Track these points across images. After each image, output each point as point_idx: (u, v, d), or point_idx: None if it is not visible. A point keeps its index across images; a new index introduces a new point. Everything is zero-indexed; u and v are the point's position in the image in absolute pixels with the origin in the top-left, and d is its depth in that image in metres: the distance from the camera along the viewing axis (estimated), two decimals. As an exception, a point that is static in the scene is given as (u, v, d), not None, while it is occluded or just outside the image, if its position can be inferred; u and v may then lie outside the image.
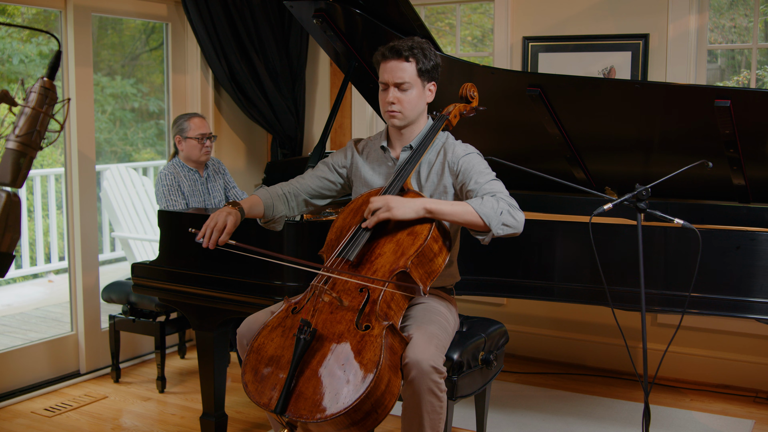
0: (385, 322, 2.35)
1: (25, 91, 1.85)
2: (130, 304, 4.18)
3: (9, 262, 1.83)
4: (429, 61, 2.68)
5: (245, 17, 4.70)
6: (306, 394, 2.24)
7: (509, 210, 2.48)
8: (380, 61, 2.70)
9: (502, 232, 2.48)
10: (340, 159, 2.90)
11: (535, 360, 4.59)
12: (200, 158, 4.03)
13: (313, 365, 2.29)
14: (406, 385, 2.38)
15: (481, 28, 5.18)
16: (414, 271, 2.46)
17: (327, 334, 2.35)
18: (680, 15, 4.10)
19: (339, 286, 2.47)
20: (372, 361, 2.24)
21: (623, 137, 3.39)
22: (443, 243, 2.55)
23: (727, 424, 3.69)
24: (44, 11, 5.24)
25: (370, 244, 2.53)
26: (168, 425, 3.71)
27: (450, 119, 2.80)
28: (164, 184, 3.95)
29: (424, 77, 2.69)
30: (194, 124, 4.00)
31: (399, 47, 2.65)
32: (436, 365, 2.38)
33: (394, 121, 2.71)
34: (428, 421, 2.39)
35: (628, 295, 3.03)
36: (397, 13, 3.31)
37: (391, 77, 2.66)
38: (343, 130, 5.09)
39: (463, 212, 2.48)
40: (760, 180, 3.29)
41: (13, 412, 3.84)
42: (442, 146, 2.76)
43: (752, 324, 4.02)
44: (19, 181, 1.81)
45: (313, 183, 2.87)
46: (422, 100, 2.72)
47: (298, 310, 2.47)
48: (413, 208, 2.49)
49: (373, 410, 2.25)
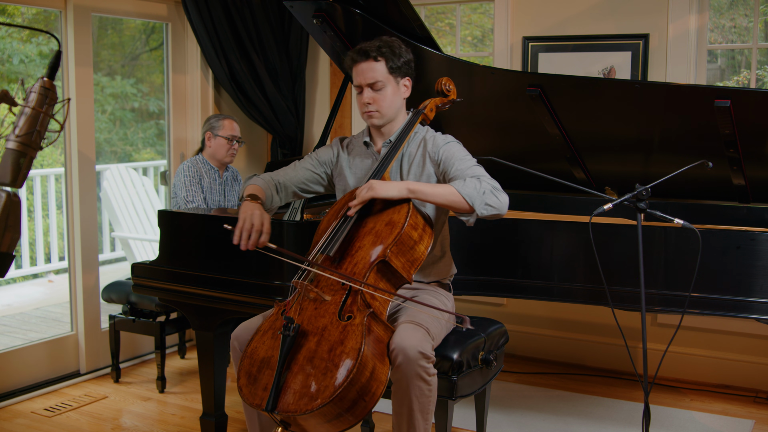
0: (366, 310, 2.38)
1: (25, 91, 1.85)
2: (130, 304, 4.18)
3: (9, 262, 1.83)
4: (399, 58, 2.71)
5: (245, 17, 4.70)
6: (294, 389, 2.28)
7: (492, 191, 2.49)
8: (351, 65, 2.74)
9: (486, 212, 2.49)
10: (327, 154, 2.93)
11: (535, 360, 4.59)
12: (225, 158, 4.17)
13: (300, 361, 2.33)
14: (394, 371, 2.41)
15: (481, 28, 5.18)
16: (395, 259, 2.49)
17: (311, 329, 2.38)
18: (680, 15, 4.10)
19: (323, 283, 2.51)
20: (354, 349, 2.28)
21: (623, 137, 3.39)
22: (423, 230, 2.58)
23: (727, 424, 3.69)
24: (44, 11, 5.24)
25: (351, 239, 2.56)
26: (168, 425, 3.71)
27: (426, 113, 2.84)
28: (186, 175, 4.05)
29: (396, 74, 2.72)
30: (227, 125, 4.16)
31: (366, 49, 2.69)
32: (424, 350, 2.40)
33: (373, 120, 2.76)
34: (417, 404, 2.43)
35: (628, 295, 3.03)
36: (397, 13, 3.31)
37: (363, 79, 2.70)
38: (343, 130, 5.09)
39: (446, 193, 2.49)
40: (760, 180, 3.29)
41: (13, 412, 3.84)
42: (423, 138, 2.80)
43: (752, 324, 4.02)
44: (19, 181, 1.81)
45: (302, 175, 2.91)
46: (398, 97, 2.76)
47: (286, 311, 2.50)
48: (396, 187, 2.52)
49: (360, 398, 2.28)
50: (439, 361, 2.65)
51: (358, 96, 2.76)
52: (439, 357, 2.65)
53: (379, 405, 3.45)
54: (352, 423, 2.32)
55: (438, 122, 3.62)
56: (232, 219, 3.23)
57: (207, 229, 3.28)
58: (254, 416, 2.62)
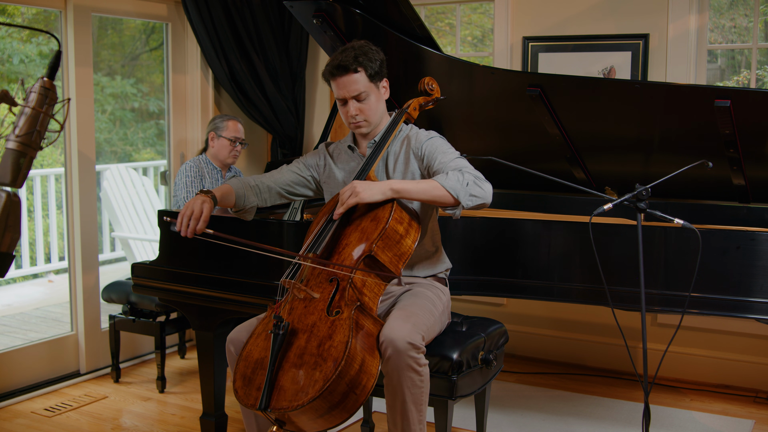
0: (354, 304, 2.40)
1: (25, 91, 1.85)
2: (130, 304, 4.18)
3: (9, 262, 1.83)
4: (375, 63, 2.71)
5: (245, 17, 4.70)
6: (285, 386, 2.30)
7: (475, 181, 2.52)
8: (330, 78, 2.73)
9: (471, 203, 2.52)
10: (314, 159, 2.96)
11: (535, 360, 4.59)
12: (227, 160, 4.18)
13: (291, 358, 2.35)
14: (384, 364, 2.42)
15: (481, 28, 5.18)
16: (381, 254, 2.52)
17: (302, 327, 2.41)
18: (680, 15, 4.10)
19: (312, 282, 2.53)
20: (341, 342, 2.30)
21: (623, 137, 3.38)
22: (409, 225, 2.60)
23: (727, 424, 3.69)
24: (44, 11, 5.24)
25: (338, 237, 2.59)
26: (168, 425, 3.71)
27: (409, 112, 2.86)
28: (188, 174, 4.06)
29: (375, 80, 2.72)
30: (231, 126, 4.16)
31: (344, 63, 2.67)
32: (413, 341, 2.41)
33: (362, 130, 2.78)
34: (410, 396, 2.44)
35: (628, 295, 3.03)
36: (397, 13, 3.31)
37: (346, 92, 2.70)
38: (343, 130, 5.08)
39: (429, 188, 2.51)
40: (760, 180, 3.29)
41: (13, 412, 3.84)
42: (406, 136, 2.82)
43: (752, 324, 4.02)
44: (19, 181, 1.81)
45: (288, 177, 2.92)
46: (381, 102, 2.78)
47: (276, 311, 2.51)
48: (380, 190, 2.53)
49: (351, 391, 2.29)
50: (439, 361, 2.66)
51: (341, 108, 2.76)
52: (439, 357, 2.66)
53: (379, 405, 3.45)
54: (345, 417, 2.33)
55: (438, 122, 3.62)
56: (232, 219, 3.24)
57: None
58: (252, 419, 2.62)
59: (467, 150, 2.92)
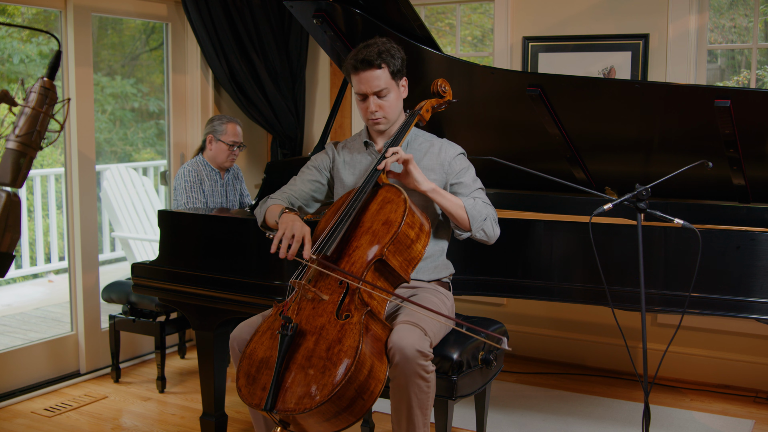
0: (364, 308, 2.39)
1: (25, 91, 1.85)
2: (130, 304, 4.18)
3: (9, 262, 1.83)
4: (397, 61, 2.73)
5: (245, 17, 4.70)
6: (292, 389, 2.28)
7: (492, 221, 2.72)
8: (351, 72, 2.73)
9: (477, 236, 2.72)
10: (324, 160, 2.94)
11: (535, 360, 4.59)
12: (224, 163, 4.15)
13: (298, 360, 2.33)
14: (392, 370, 2.42)
15: (481, 28, 5.18)
16: (392, 258, 2.51)
17: (309, 328, 2.39)
18: (680, 15, 4.10)
19: (321, 282, 2.51)
20: (351, 347, 2.29)
21: (623, 137, 3.38)
22: (420, 230, 2.60)
23: (727, 424, 3.69)
24: (44, 11, 5.24)
25: (348, 238, 2.57)
26: (168, 425, 3.71)
27: (422, 114, 2.85)
28: (186, 179, 4.03)
29: (396, 77, 2.74)
30: (230, 130, 4.12)
31: (369, 57, 2.68)
32: (421, 349, 2.41)
33: (380, 127, 2.78)
34: (416, 401, 2.44)
35: (628, 295, 3.03)
36: (397, 13, 3.31)
37: (368, 87, 2.70)
38: (343, 130, 5.09)
39: (456, 205, 2.69)
40: (760, 180, 3.29)
41: (13, 412, 3.84)
42: (430, 144, 2.84)
43: (752, 324, 4.02)
44: (19, 181, 1.81)
45: (306, 188, 2.91)
46: (399, 100, 2.79)
47: (284, 311, 2.50)
48: (426, 180, 2.66)
49: (359, 396, 2.28)
50: (439, 361, 2.65)
51: (360, 103, 2.75)
52: (439, 357, 2.65)
53: (379, 405, 3.45)
54: (351, 422, 2.32)
55: (438, 122, 3.62)
56: (232, 219, 3.24)
57: (207, 229, 3.28)
58: (260, 416, 2.62)
59: (467, 150, 2.92)
